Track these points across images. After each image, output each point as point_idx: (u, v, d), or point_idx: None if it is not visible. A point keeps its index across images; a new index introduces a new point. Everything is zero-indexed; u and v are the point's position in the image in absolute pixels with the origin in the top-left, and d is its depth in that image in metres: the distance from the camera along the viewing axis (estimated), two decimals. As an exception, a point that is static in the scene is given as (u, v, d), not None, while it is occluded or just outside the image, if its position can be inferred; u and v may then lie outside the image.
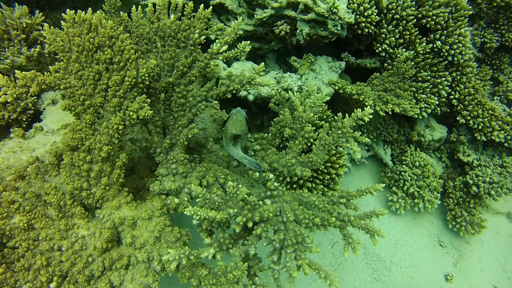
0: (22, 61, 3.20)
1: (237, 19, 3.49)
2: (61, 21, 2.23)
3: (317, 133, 2.36)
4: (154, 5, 2.41)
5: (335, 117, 2.30)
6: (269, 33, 3.55)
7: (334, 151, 2.96)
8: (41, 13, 3.38)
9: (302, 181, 2.93)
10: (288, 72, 3.51)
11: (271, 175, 2.25)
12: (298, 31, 3.39)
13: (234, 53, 2.25)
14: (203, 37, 2.26)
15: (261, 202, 1.97)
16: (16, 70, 2.09)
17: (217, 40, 2.31)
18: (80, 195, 2.13)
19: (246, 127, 2.34)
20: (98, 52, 2.09)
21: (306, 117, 2.36)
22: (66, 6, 4.37)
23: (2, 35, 3.23)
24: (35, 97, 3.32)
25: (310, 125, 2.35)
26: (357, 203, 3.26)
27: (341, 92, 3.22)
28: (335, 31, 3.32)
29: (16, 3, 3.37)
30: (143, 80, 2.06)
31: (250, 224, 1.86)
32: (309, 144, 2.43)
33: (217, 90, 2.27)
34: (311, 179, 2.94)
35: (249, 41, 2.24)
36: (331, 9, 3.26)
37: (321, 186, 3.06)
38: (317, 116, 2.47)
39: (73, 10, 2.22)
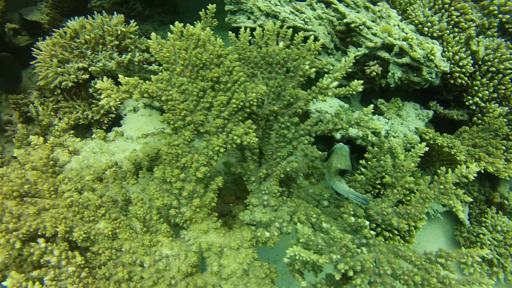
0: (112, 66, 3.23)
1: (329, 55, 3.45)
2: (168, 33, 2.22)
3: (417, 184, 2.25)
4: (262, 28, 2.37)
5: (438, 171, 2.18)
6: (358, 72, 3.47)
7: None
8: (135, 23, 3.42)
9: (379, 229, 2.81)
10: (375, 115, 3.41)
11: (367, 222, 2.14)
12: (389, 74, 3.30)
13: (345, 91, 2.17)
14: (313, 70, 2.20)
15: (359, 250, 1.86)
16: (119, 75, 2.07)
17: (326, 75, 2.24)
18: (168, 213, 2.07)
19: (351, 163, 2.27)
20: (206, 70, 2.06)
21: (407, 167, 2.25)
22: (154, 19, 4.45)
23: (98, 40, 3.27)
24: (119, 102, 3.35)
25: (410, 175, 2.25)
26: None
27: (431, 143, 3.09)
28: (429, 78, 3.22)
29: (115, 12, 3.43)
30: (250, 105, 2.01)
31: (350, 273, 1.75)
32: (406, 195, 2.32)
33: (323, 126, 2.19)
34: (389, 228, 2.81)
35: (362, 81, 2.15)
36: (428, 55, 3.16)
37: (398, 237, 2.93)
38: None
39: (182, 24, 2.21)
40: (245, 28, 2.36)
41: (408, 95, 3.64)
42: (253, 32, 2.44)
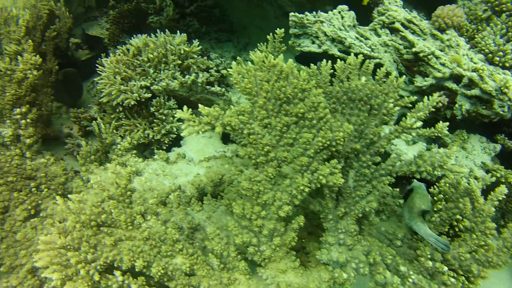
0: (175, 86, 3.22)
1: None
2: (248, 61, 2.18)
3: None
4: (343, 60, 2.31)
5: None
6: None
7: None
8: (198, 43, 3.40)
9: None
10: (437, 147, 3.31)
11: (446, 268, 2.06)
12: (456, 105, 3.20)
13: (429, 132, 2.09)
14: (398, 108, 2.13)
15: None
16: (200, 105, 2.04)
17: (409, 114, 2.16)
18: (246, 250, 2.02)
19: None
20: (289, 104, 2.01)
21: (487, 212, 2.15)
22: (210, 36, 4.44)
23: (161, 59, 3.27)
24: (181, 122, 3.33)
25: (491, 221, 2.15)
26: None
27: (502, 181, 2.98)
28: (501, 112, 3.10)
29: (178, 31, 3.42)
30: (336, 144, 1.95)
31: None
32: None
33: (405, 167, 2.11)
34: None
35: (447, 123, 2.07)
36: (501, 88, 3.05)
37: (463, 278, 2.81)
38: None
39: (263, 53, 2.16)
40: (326, 60, 2.31)
41: (473, 127, 3.52)
42: (320, 65, 2.38)
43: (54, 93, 3.63)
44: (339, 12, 3.57)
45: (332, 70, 2.31)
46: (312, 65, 2.29)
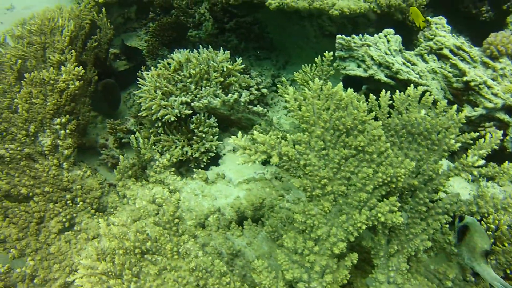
0: (217, 104, 3.16)
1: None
2: (306, 89, 2.11)
3: None
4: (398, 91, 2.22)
5: None
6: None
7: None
8: (241, 60, 3.35)
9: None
10: (485, 180, 3.18)
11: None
12: (508, 137, 3.08)
13: (492, 172, 1.99)
14: (458, 144, 2.03)
15: None
16: (255, 132, 1.96)
17: (470, 151, 2.06)
18: (296, 286, 1.93)
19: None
20: (348, 136, 1.93)
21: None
22: (249, 53, 4.39)
23: (203, 75, 3.22)
24: (221, 142, 3.27)
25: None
26: None
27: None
28: (555, 148, 2.97)
29: (221, 48, 3.37)
30: (397, 180, 1.85)
31: None
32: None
33: (465, 207, 2.01)
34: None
35: (515, 163, 1.97)
36: (556, 124, 2.93)
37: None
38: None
39: (321, 81, 2.09)
40: (385, 90, 2.23)
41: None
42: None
43: (91, 103, 3.60)
44: (385, 36, 3.49)
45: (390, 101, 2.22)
46: (371, 95, 2.20)
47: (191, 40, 4.51)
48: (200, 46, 3.41)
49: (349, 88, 2.03)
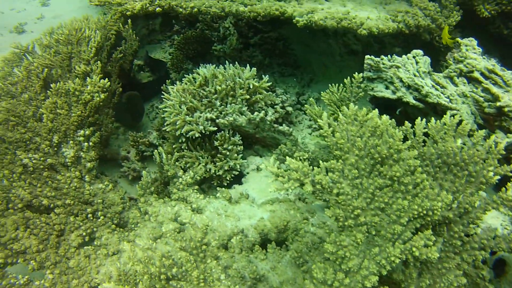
0: (242, 122, 3.13)
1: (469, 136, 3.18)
2: (332, 109, 2.06)
3: None
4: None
5: None
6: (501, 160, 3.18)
7: None
8: (267, 78, 3.31)
9: None
10: None
11: None
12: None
13: (534, 207, 1.92)
14: (497, 177, 1.96)
15: None
16: (288, 159, 1.92)
17: (509, 184, 1.99)
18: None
19: None
20: (383, 165, 1.87)
21: None
22: (273, 69, 4.36)
23: (229, 92, 3.19)
24: (245, 160, 3.23)
25: None
26: None
27: None
28: None
29: (248, 65, 3.34)
30: (433, 214, 1.79)
31: None
32: None
33: (503, 244, 1.93)
34: None
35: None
36: None
37: None
38: None
39: (356, 106, 2.04)
40: (421, 118, 2.17)
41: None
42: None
43: (114, 114, 3.59)
44: (414, 57, 3.43)
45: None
46: (406, 122, 2.14)
47: (216, 54, 4.50)
48: (227, 62, 3.39)
49: (385, 116, 1.98)
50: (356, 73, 3.11)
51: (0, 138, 3.20)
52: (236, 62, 3.38)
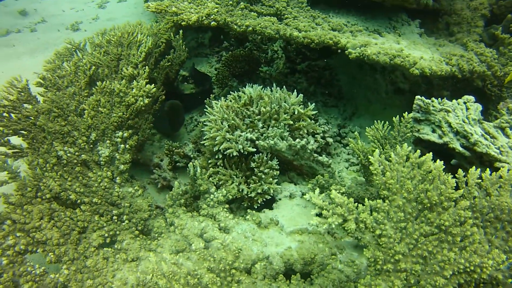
0: (282, 147, 3.09)
1: None
2: (391, 153, 1.98)
3: None
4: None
5: None
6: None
7: None
8: (313, 106, 3.25)
9: None
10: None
11: None
12: None
13: None
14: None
15: None
16: (333, 192, 1.83)
17: None
18: None
19: None
20: (432, 211, 1.77)
21: None
22: (317, 98, 4.31)
23: (273, 115, 3.14)
24: (280, 186, 3.15)
25: None
26: None
27: None
28: None
29: (295, 91, 3.29)
30: (481, 271, 1.67)
31: None
32: None
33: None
34: None
35: None
36: None
37: None
38: None
39: (409, 147, 1.95)
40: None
41: None
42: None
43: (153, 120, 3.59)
44: (465, 103, 3.32)
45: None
46: (460, 170, 2.04)
47: (261, 76, 4.48)
48: (274, 85, 3.35)
49: (439, 162, 1.89)
50: (406, 113, 3.02)
51: (40, 127, 3.21)
52: (284, 87, 3.33)
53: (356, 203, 1.82)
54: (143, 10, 7.76)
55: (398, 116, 3.04)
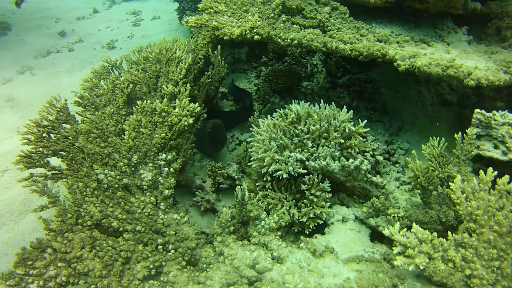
0: (335, 168, 2.77)
1: None
2: (473, 177, 1.65)
3: None
4: None
5: None
6: None
7: None
8: (365, 122, 2.93)
9: None
10: None
11: None
12: None
13: None
14: None
15: None
16: (414, 225, 1.51)
17: None
18: None
19: None
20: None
21: None
22: (361, 113, 3.99)
23: (322, 133, 2.83)
24: (332, 210, 2.84)
25: None
26: None
27: None
28: None
29: (345, 107, 2.98)
30: None
31: None
32: None
33: None
34: None
35: None
36: None
37: None
38: None
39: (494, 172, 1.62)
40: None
41: None
42: None
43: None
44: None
45: None
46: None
47: (302, 91, 4.17)
48: (322, 101, 3.04)
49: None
50: (470, 128, 2.68)
51: (80, 148, 2.98)
52: (333, 103, 3.03)
53: (440, 238, 1.49)
54: (176, 27, 7.59)
55: (460, 132, 2.71)
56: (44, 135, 3.13)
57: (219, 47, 3.87)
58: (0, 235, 3.38)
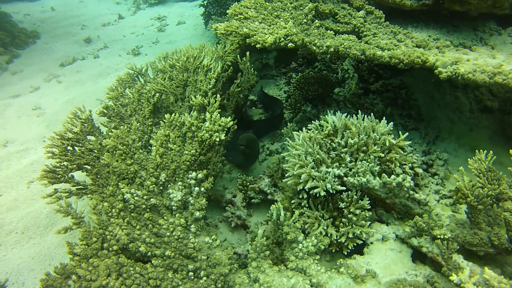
0: (375, 184, 2.48)
1: None
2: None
3: None
4: None
5: None
6: None
7: None
8: (406, 134, 2.65)
9: None
10: None
11: None
12: None
13: None
14: None
15: None
16: (486, 270, 1.24)
17: None
18: None
19: None
20: None
21: None
22: (395, 121, 3.69)
23: (361, 146, 2.56)
24: (372, 229, 2.57)
25: None
26: None
27: None
28: None
29: (384, 119, 2.69)
30: None
31: None
32: None
33: None
34: None
35: None
36: None
37: None
38: None
39: None
40: None
41: None
42: None
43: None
44: None
45: None
46: None
47: (335, 98, 3.89)
48: (359, 112, 2.77)
49: None
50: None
51: (106, 166, 2.77)
52: (372, 114, 2.75)
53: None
54: (202, 32, 7.37)
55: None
56: (68, 147, 2.95)
57: (247, 53, 3.62)
58: (26, 250, 3.21)
